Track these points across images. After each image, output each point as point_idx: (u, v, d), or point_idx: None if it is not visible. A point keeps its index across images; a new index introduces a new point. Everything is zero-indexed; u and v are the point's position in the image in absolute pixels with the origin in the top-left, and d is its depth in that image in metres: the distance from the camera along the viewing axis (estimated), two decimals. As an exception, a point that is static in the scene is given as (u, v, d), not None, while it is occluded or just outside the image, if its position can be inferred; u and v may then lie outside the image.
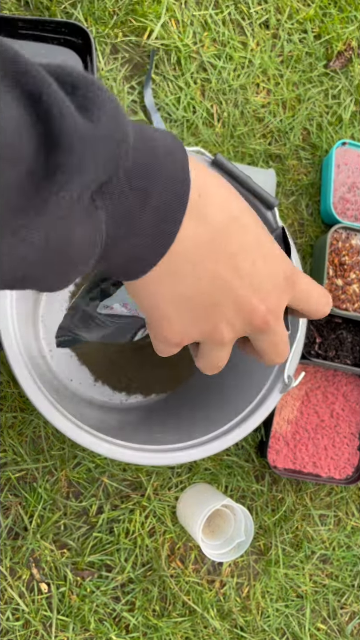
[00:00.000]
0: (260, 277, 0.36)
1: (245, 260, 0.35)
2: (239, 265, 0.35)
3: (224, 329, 0.36)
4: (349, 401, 0.95)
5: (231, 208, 0.35)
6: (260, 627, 0.88)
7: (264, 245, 0.36)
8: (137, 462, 0.63)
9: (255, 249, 0.35)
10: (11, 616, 0.79)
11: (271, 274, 0.36)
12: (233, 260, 0.35)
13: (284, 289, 0.37)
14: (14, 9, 0.86)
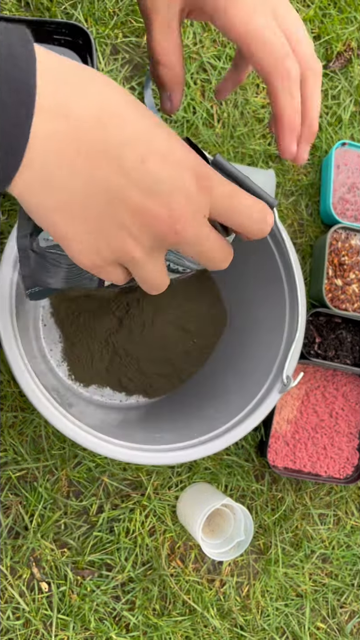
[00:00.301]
0: (155, 176, 0.32)
1: (129, 157, 0.31)
2: (123, 163, 0.31)
3: (129, 244, 0.33)
4: (349, 401, 0.95)
5: (103, 98, 0.30)
6: (260, 626, 0.89)
7: (157, 141, 0.32)
8: (137, 461, 0.63)
9: (142, 144, 0.31)
10: (11, 615, 0.80)
11: (171, 175, 0.32)
12: (114, 158, 0.30)
13: (194, 193, 0.33)
14: (14, 9, 0.87)
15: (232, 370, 0.78)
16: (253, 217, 0.36)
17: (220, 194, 0.35)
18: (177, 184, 0.32)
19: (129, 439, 0.64)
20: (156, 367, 0.83)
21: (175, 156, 0.32)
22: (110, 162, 0.30)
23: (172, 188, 0.32)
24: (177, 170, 0.32)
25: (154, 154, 0.31)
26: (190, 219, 0.33)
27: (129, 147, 0.31)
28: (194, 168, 0.33)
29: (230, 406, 0.70)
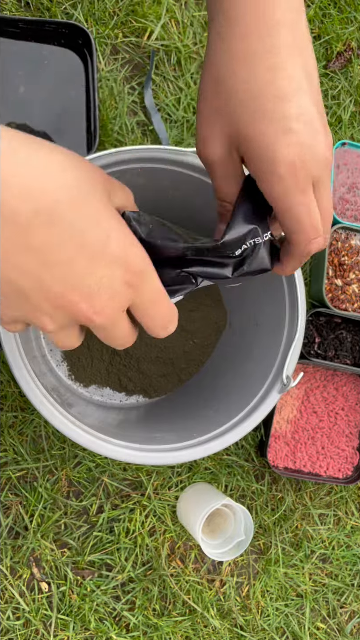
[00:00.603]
0: (80, 276, 0.33)
1: (57, 256, 0.32)
2: (49, 260, 0.32)
3: (43, 319, 0.34)
4: (349, 401, 0.95)
5: (40, 197, 0.30)
6: (260, 626, 0.89)
7: (91, 239, 0.32)
8: (137, 461, 0.63)
9: (72, 247, 0.32)
10: (11, 615, 0.80)
11: (100, 274, 0.33)
12: (41, 255, 0.31)
13: (120, 291, 0.35)
14: (14, 9, 0.87)
15: (232, 370, 0.78)
16: (159, 324, 0.39)
17: (145, 297, 0.36)
18: (104, 283, 0.33)
19: (129, 439, 0.64)
20: (156, 367, 0.83)
21: (107, 255, 0.33)
22: (34, 257, 0.31)
23: (98, 286, 0.33)
24: (107, 269, 0.33)
25: (84, 254, 0.32)
26: (109, 313, 0.35)
27: (57, 248, 0.31)
28: (127, 265, 0.34)
29: (230, 406, 0.69)
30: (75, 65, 0.85)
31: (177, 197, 0.70)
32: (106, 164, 0.61)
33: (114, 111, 0.88)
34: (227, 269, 0.43)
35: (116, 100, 0.89)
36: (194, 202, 0.70)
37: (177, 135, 0.91)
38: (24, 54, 0.84)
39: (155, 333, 0.39)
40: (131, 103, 0.90)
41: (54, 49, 0.85)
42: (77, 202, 0.32)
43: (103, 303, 0.34)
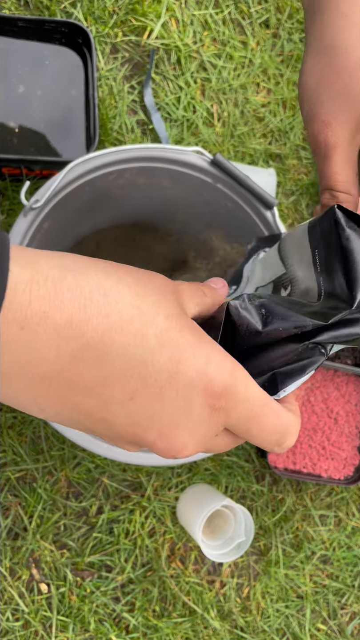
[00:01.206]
0: (149, 413, 0.27)
1: (115, 394, 0.26)
2: (107, 400, 0.26)
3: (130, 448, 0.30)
4: (349, 402, 0.95)
5: (81, 330, 0.25)
6: (261, 627, 0.88)
7: (156, 372, 0.26)
8: (136, 462, 0.63)
9: (133, 378, 0.26)
10: (11, 616, 0.79)
11: (171, 404, 0.27)
12: (95, 396, 0.26)
13: (203, 420, 0.28)
14: (13, 8, 0.86)
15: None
16: (268, 441, 0.31)
17: (240, 416, 0.29)
18: (179, 415, 0.28)
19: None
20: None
21: (181, 381, 0.27)
22: (89, 401, 0.26)
23: (171, 420, 0.28)
24: (181, 399, 0.27)
25: (148, 387, 0.27)
26: (194, 446, 0.29)
27: (112, 386, 0.26)
28: (206, 390, 0.27)
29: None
30: (74, 64, 0.85)
31: (177, 196, 0.70)
32: (106, 163, 0.61)
33: (114, 110, 0.88)
34: None
35: (116, 99, 0.89)
36: (195, 201, 0.70)
37: (177, 134, 0.90)
38: (24, 53, 0.83)
39: (270, 450, 0.32)
40: (131, 102, 0.90)
41: (54, 48, 0.84)
42: (134, 321, 0.26)
43: (184, 440, 0.28)
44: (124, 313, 0.26)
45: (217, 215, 0.70)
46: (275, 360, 0.33)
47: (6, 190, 0.83)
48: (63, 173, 0.59)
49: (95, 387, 0.26)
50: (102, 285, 0.26)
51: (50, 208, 0.60)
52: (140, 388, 0.26)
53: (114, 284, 0.27)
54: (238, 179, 0.62)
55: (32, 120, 0.83)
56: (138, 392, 0.26)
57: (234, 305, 0.32)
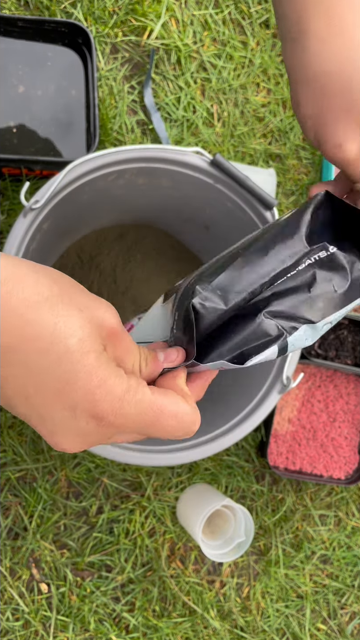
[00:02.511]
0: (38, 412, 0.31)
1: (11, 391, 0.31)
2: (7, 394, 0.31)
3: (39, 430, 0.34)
4: (349, 401, 0.95)
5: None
6: (261, 627, 0.88)
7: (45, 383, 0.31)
8: (136, 462, 0.63)
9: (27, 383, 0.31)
10: (11, 616, 0.79)
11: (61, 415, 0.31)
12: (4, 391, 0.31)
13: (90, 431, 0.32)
14: (13, 8, 0.86)
15: (232, 371, 0.78)
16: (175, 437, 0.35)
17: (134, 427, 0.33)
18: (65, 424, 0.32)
19: (129, 440, 0.64)
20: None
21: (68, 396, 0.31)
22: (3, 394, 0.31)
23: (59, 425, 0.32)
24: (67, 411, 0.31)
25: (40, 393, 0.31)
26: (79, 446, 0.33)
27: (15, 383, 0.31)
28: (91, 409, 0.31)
29: (230, 407, 0.69)
30: (74, 64, 0.85)
31: (177, 196, 0.70)
32: (106, 163, 0.61)
33: (114, 110, 0.88)
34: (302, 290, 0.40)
35: (116, 100, 0.89)
36: (194, 202, 0.70)
37: (177, 134, 0.90)
38: (24, 53, 0.83)
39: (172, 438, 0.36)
40: (131, 102, 0.90)
41: (54, 48, 0.84)
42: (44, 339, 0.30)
43: (69, 444, 0.32)
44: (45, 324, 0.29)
45: (217, 215, 0.70)
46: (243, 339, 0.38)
47: (6, 190, 0.83)
48: (63, 173, 0.59)
49: (2, 381, 0.30)
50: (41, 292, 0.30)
51: (50, 208, 0.60)
52: (33, 392, 0.30)
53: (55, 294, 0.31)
54: (238, 180, 0.62)
55: (32, 120, 0.83)
56: (31, 395, 0.30)
57: (197, 303, 0.36)
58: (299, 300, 0.40)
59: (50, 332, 0.29)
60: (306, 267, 0.40)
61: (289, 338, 0.39)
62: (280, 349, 0.39)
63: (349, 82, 0.43)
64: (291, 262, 0.39)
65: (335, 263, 0.40)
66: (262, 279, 0.39)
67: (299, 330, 0.39)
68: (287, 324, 0.39)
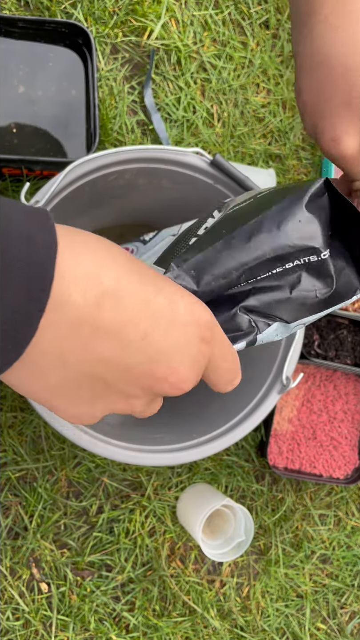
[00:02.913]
0: (161, 348, 0.31)
1: (129, 336, 0.30)
2: (126, 340, 0.30)
3: (130, 404, 0.33)
4: (349, 401, 0.95)
5: (100, 280, 0.29)
6: (260, 626, 0.89)
7: (159, 311, 0.31)
8: (137, 462, 0.63)
9: (142, 322, 0.30)
10: (11, 616, 0.79)
11: (176, 341, 0.31)
12: (113, 340, 0.30)
13: (199, 353, 0.33)
14: (14, 9, 0.87)
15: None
16: (227, 379, 0.36)
17: (217, 354, 0.34)
18: (184, 350, 0.32)
19: (129, 440, 0.64)
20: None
21: (178, 320, 0.32)
22: (108, 341, 0.30)
23: (176, 353, 0.32)
24: (181, 335, 0.32)
25: (155, 327, 0.31)
26: (194, 378, 0.33)
27: (128, 327, 0.30)
28: (198, 324, 0.33)
29: (230, 407, 0.69)
30: (75, 64, 0.85)
31: (177, 197, 0.70)
32: (106, 163, 0.61)
33: (114, 110, 0.88)
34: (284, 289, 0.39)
35: (116, 100, 0.89)
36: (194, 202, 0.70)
37: (177, 134, 0.91)
38: (24, 53, 0.84)
39: (222, 389, 0.37)
40: (131, 102, 0.90)
41: (54, 49, 0.85)
42: (133, 274, 0.31)
43: (188, 371, 0.32)
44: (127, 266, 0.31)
45: (216, 215, 0.71)
46: None
47: (6, 190, 0.83)
48: (63, 174, 0.59)
49: (114, 329, 0.29)
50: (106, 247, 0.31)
51: (50, 209, 0.60)
52: (149, 329, 0.30)
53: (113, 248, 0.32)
54: (238, 180, 0.62)
55: (32, 120, 0.83)
56: (148, 332, 0.30)
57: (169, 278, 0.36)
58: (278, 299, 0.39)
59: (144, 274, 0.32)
60: (294, 267, 0.38)
61: (259, 335, 0.39)
62: (248, 344, 0.39)
63: (352, 74, 0.42)
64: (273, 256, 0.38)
65: (324, 269, 0.39)
66: (241, 267, 0.37)
67: (270, 327, 0.39)
68: (260, 320, 0.39)
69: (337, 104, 0.43)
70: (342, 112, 0.43)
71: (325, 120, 0.43)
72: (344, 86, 0.42)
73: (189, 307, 0.32)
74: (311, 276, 0.39)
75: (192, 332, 0.32)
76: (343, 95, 0.42)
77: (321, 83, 0.43)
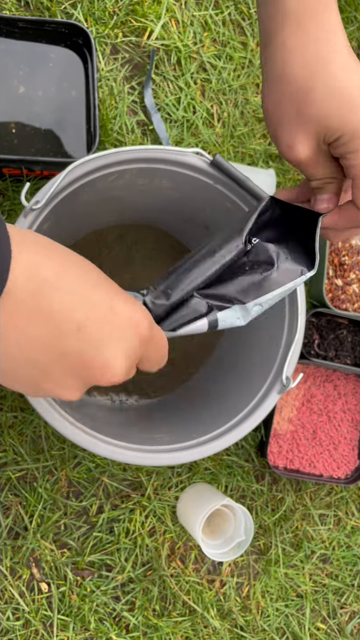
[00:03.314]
0: (97, 342, 0.34)
1: (65, 323, 0.33)
2: (63, 329, 0.33)
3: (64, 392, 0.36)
4: (349, 401, 0.95)
5: (40, 272, 0.33)
6: (260, 626, 0.89)
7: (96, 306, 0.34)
8: (136, 462, 0.63)
9: (79, 311, 0.33)
10: (11, 616, 0.80)
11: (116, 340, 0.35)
12: (50, 324, 0.33)
13: (134, 349, 0.37)
14: (14, 9, 0.87)
15: (232, 371, 0.78)
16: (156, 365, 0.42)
17: (151, 349, 0.39)
18: (117, 344, 0.35)
19: (129, 440, 0.64)
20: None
21: (117, 320, 0.35)
22: (44, 329, 0.33)
23: (111, 347, 0.35)
24: (119, 333, 0.35)
25: (92, 321, 0.34)
26: (126, 372, 0.37)
27: (62, 315, 0.33)
28: (137, 328, 0.37)
29: (229, 407, 0.69)
30: (75, 64, 0.85)
31: (177, 197, 0.70)
32: (106, 164, 0.61)
33: (114, 111, 0.88)
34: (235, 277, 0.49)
35: (116, 100, 0.89)
36: (194, 202, 0.70)
37: (177, 135, 0.91)
38: (24, 53, 0.84)
39: (150, 370, 0.42)
40: (131, 103, 0.90)
41: (54, 49, 0.85)
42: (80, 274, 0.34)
43: (121, 367, 0.36)
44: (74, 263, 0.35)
45: (216, 215, 0.71)
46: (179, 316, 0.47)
47: (6, 190, 0.83)
48: (63, 174, 0.59)
49: (49, 316, 0.32)
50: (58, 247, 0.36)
51: (51, 209, 0.60)
52: (86, 320, 0.34)
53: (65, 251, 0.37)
54: (238, 180, 0.62)
55: (32, 120, 0.83)
56: (84, 324, 0.33)
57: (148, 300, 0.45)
58: (231, 285, 0.48)
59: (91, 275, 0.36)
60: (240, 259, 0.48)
61: (219, 314, 0.47)
62: (211, 322, 0.47)
63: (304, 94, 0.47)
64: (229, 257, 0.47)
65: (261, 252, 0.48)
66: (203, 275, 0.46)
67: (230, 309, 0.47)
68: (216, 303, 0.47)
69: (292, 115, 0.48)
70: (295, 122, 0.48)
71: (283, 128, 0.49)
72: (297, 101, 0.48)
73: (130, 314, 0.36)
74: (253, 259, 0.48)
75: (130, 332, 0.36)
76: (296, 108, 0.48)
77: (279, 95, 0.49)
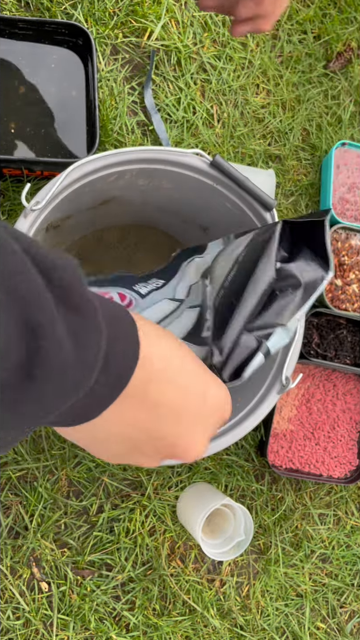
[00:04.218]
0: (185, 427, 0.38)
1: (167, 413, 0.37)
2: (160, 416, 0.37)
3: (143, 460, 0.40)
4: (348, 401, 0.95)
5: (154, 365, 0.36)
6: (260, 626, 0.89)
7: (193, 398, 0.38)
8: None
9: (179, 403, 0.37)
10: (12, 615, 0.80)
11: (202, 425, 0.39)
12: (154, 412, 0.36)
13: (215, 429, 0.41)
14: (14, 9, 0.87)
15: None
16: None
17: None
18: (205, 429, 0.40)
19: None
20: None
21: (207, 406, 0.40)
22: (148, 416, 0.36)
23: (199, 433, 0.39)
24: (207, 418, 0.39)
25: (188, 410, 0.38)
26: (205, 451, 0.41)
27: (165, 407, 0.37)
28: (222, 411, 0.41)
29: (229, 406, 0.69)
30: (75, 65, 0.85)
31: (177, 197, 0.71)
32: (106, 164, 0.61)
33: (114, 111, 0.89)
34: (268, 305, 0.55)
35: (116, 101, 0.89)
36: (194, 203, 0.70)
37: (177, 135, 0.91)
38: (24, 54, 0.84)
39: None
40: (131, 103, 0.90)
41: (54, 49, 0.85)
42: (182, 361, 0.38)
43: (205, 447, 0.40)
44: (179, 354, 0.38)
45: (216, 216, 0.71)
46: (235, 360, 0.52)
47: (7, 191, 0.83)
48: (64, 175, 0.59)
49: (154, 404, 0.36)
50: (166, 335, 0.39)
51: (51, 209, 0.60)
52: (182, 411, 0.38)
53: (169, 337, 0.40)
54: (237, 181, 0.63)
55: (33, 121, 0.83)
56: (180, 414, 0.38)
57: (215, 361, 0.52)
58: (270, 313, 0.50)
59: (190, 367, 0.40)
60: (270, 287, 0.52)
61: (268, 343, 0.49)
62: (265, 354, 0.49)
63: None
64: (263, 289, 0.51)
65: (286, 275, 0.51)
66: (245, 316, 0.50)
67: (275, 334, 0.49)
68: (261, 333, 0.49)
69: None
70: None
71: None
72: None
73: (217, 399, 0.40)
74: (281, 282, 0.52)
75: (216, 418, 0.40)
76: None
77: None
